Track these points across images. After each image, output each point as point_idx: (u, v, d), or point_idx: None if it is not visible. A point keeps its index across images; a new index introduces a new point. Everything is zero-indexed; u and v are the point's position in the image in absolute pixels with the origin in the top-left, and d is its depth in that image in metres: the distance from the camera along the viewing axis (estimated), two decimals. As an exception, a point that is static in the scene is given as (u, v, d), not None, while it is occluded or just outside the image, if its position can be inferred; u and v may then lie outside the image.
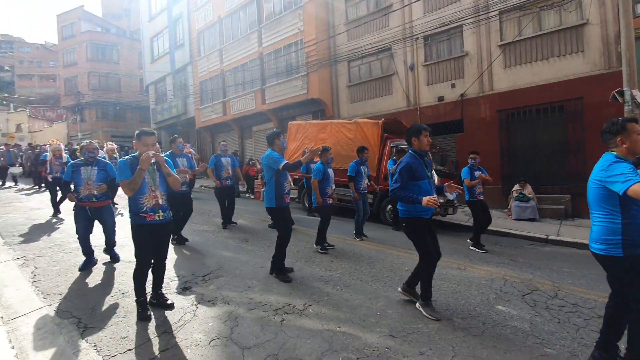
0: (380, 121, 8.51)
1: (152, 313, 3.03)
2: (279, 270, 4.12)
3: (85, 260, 4.30)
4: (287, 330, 2.86)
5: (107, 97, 28.54)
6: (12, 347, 2.42)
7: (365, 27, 13.02)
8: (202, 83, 19.64)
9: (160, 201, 3.05)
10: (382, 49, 12.60)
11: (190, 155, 6.93)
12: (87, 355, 2.48)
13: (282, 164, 3.92)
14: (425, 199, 2.98)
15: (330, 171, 5.65)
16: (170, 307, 3.20)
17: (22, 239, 5.54)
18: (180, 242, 5.51)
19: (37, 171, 11.95)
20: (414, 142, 3.32)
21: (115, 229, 4.65)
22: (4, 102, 37.39)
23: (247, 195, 13.23)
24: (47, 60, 45.18)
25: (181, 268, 4.38)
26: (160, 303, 3.23)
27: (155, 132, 3.15)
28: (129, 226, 3.09)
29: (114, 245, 4.66)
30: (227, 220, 6.92)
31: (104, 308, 3.24)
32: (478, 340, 2.81)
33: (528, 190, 9.09)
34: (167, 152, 5.02)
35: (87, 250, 4.33)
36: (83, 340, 2.66)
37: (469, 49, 10.88)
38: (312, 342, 2.69)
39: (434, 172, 7.24)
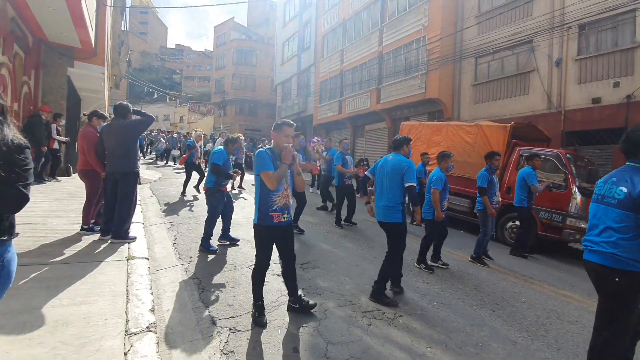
0: (509, 125, 7.42)
1: (267, 320, 2.82)
2: (378, 290, 3.45)
3: (207, 242, 4.53)
4: (373, 336, 2.77)
5: (244, 95, 33.14)
6: (151, 294, 3.04)
7: (501, 18, 11.55)
8: (322, 83, 20.78)
9: (289, 201, 2.87)
10: (521, 41, 10.94)
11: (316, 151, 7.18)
12: (201, 313, 2.92)
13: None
14: None
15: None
16: (314, 306, 3.03)
17: (171, 208, 6.92)
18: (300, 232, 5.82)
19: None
20: None
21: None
22: (173, 99, 47.39)
23: (357, 195, 13.44)
24: (205, 65, 55.17)
25: (284, 253, 4.74)
26: (303, 306, 3.00)
27: (294, 123, 2.95)
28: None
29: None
30: (348, 219, 6.94)
31: (218, 276, 3.76)
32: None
33: None
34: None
35: (212, 233, 4.59)
36: (200, 300, 3.15)
37: (645, 37, 8.49)
38: (397, 357, 2.54)
39: (576, 190, 6.01)
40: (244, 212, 6.90)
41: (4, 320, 2.33)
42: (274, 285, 3.60)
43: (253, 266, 4.13)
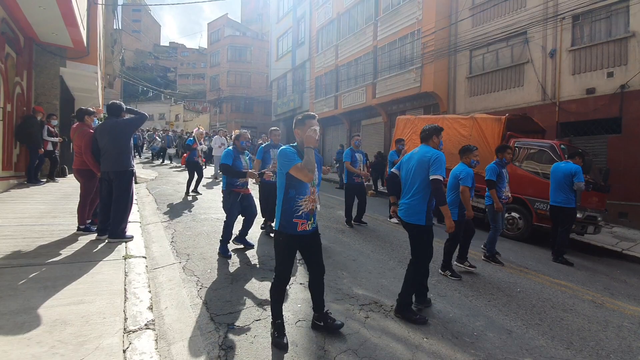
0: (504, 117, 7.45)
1: (287, 339, 2.50)
2: (404, 306, 3.07)
3: (224, 247, 4.34)
4: (370, 329, 2.81)
5: (239, 92, 32.99)
6: (149, 292, 3.05)
7: (495, 9, 11.53)
8: (318, 79, 20.71)
9: (317, 206, 2.59)
10: (515, 33, 10.94)
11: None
12: (199, 309, 2.94)
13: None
14: None
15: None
16: (340, 326, 2.71)
17: (168, 206, 6.91)
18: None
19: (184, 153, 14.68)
20: None
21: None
22: (168, 97, 47.09)
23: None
24: (200, 62, 54.81)
25: (281, 249, 4.76)
26: (328, 325, 2.69)
27: (316, 115, 2.64)
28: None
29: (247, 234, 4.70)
30: (358, 219, 6.65)
31: (216, 273, 3.77)
32: (609, 396, 2.22)
33: None
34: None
35: (229, 237, 4.35)
36: (198, 297, 3.16)
37: (637, 28, 8.52)
38: (394, 348, 2.57)
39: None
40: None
41: (2, 320, 2.34)
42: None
43: (250, 263, 4.17)
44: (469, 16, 12.32)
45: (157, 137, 17.89)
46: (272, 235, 4.97)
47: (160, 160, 16.79)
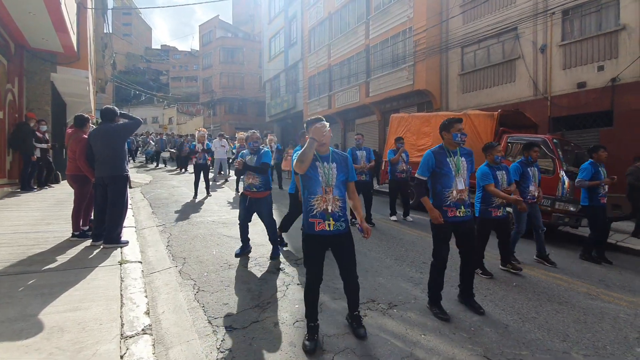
0: (496, 113, 7.50)
1: (316, 347, 2.47)
2: (433, 302, 3.21)
3: (240, 247, 4.40)
4: (368, 327, 2.81)
5: (233, 94, 32.86)
6: (146, 297, 3.04)
7: (485, 6, 11.61)
8: (311, 78, 20.69)
9: (330, 208, 2.49)
10: (506, 29, 11.03)
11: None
12: (196, 313, 2.94)
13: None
14: None
15: (502, 174, 4.35)
16: (364, 337, 2.62)
17: (163, 210, 6.88)
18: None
19: (180, 156, 14.62)
20: None
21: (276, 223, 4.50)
22: (161, 100, 46.81)
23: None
24: (192, 64, 54.49)
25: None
26: (353, 328, 2.70)
27: (323, 119, 2.55)
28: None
29: (276, 242, 4.46)
30: (367, 219, 6.44)
31: (213, 276, 3.77)
32: (604, 386, 2.26)
33: None
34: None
35: (243, 237, 4.38)
36: (195, 300, 3.16)
37: (627, 20, 8.62)
38: (393, 345, 2.59)
39: (563, 174, 6.13)
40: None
41: (0, 328, 2.33)
42: (271, 283, 3.63)
43: (247, 266, 4.17)
44: (460, 13, 12.39)
45: (150, 141, 17.80)
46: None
47: (154, 164, 16.71)
